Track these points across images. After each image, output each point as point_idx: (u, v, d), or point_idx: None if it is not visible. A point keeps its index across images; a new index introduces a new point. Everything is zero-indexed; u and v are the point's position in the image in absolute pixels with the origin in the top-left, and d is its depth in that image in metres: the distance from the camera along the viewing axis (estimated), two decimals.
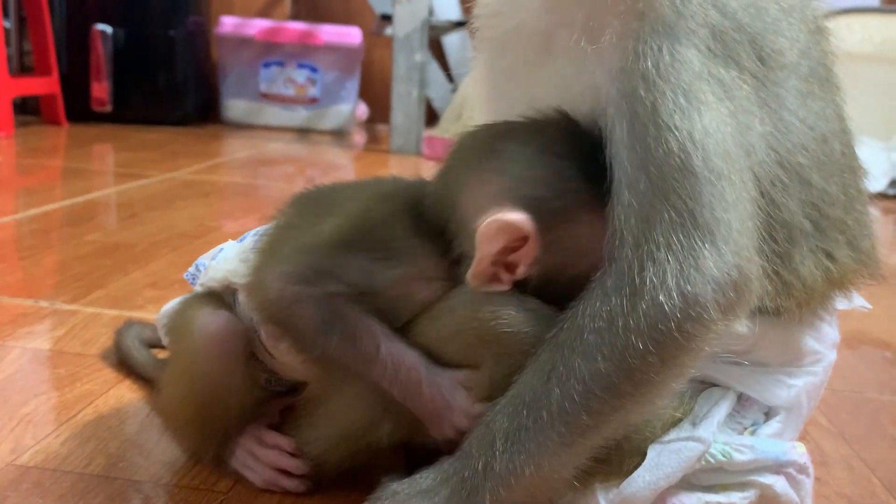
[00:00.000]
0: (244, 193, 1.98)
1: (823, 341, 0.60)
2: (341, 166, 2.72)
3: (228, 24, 3.39)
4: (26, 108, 3.09)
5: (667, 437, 0.54)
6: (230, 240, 0.71)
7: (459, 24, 3.23)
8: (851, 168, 0.59)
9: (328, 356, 0.55)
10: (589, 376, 0.49)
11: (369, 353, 0.54)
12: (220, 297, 0.66)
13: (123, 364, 0.85)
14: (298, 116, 3.48)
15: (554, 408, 0.49)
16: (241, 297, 0.64)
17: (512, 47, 0.61)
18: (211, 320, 0.62)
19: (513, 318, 0.54)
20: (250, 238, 0.69)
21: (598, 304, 0.50)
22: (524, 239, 0.54)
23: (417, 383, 0.54)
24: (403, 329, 0.56)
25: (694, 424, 0.55)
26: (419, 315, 0.56)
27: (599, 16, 0.53)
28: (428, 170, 2.56)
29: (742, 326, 0.51)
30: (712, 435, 0.54)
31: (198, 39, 3.36)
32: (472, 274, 0.54)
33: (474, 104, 0.70)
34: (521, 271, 0.54)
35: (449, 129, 3.46)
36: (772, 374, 0.57)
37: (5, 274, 1.16)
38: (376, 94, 3.76)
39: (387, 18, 3.03)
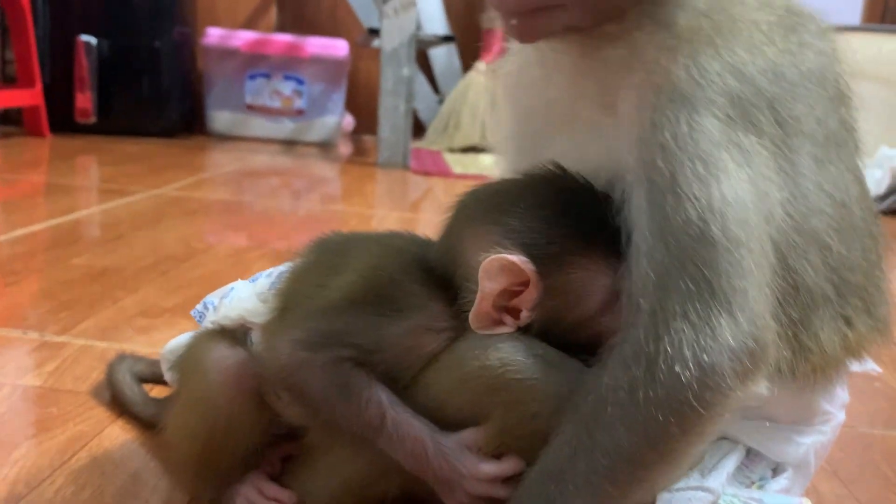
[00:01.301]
0: (231, 211, 1.97)
1: (834, 402, 0.60)
2: (328, 180, 2.71)
3: (214, 35, 3.38)
4: (8, 119, 3.06)
5: (676, 486, 0.54)
6: (240, 279, 0.71)
7: (446, 39, 3.23)
8: (871, 234, 0.59)
9: (335, 423, 0.55)
10: (613, 449, 0.49)
11: (375, 423, 0.54)
12: (233, 334, 0.66)
13: (115, 401, 0.84)
14: (284, 128, 3.46)
15: (580, 481, 0.49)
16: (255, 336, 0.64)
17: (537, 114, 0.62)
18: (227, 356, 0.61)
19: (521, 365, 0.54)
20: (263, 279, 0.69)
21: (617, 374, 0.50)
22: (525, 283, 0.55)
23: (424, 453, 0.54)
24: (412, 380, 0.56)
25: (703, 475, 0.55)
26: (427, 365, 0.56)
27: (617, 88, 0.54)
28: (415, 182, 2.57)
29: (762, 388, 0.51)
30: (721, 486, 0.54)
31: (183, 51, 3.34)
32: (473, 314, 0.55)
33: (500, 159, 0.70)
34: (524, 316, 0.55)
35: (435, 141, 3.47)
36: (782, 431, 0.58)
37: None
38: (362, 105, 3.76)
39: (374, 32, 3.03)
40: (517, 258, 0.54)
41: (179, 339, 0.71)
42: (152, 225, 1.69)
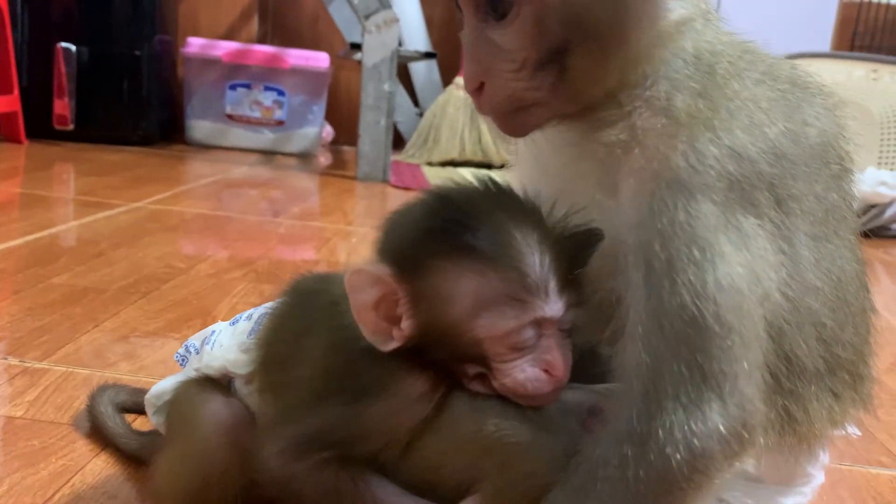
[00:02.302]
0: (211, 227, 1.97)
1: (816, 465, 0.62)
2: (308, 194, 2.71)
3: (195, 44, 3.37)
4: None
5: None
6: (220, 321, 0.71)
7: (428, 55, 3.25)
8: (863, 309, 0.60)
9: None
10: None
11: None
12: (221, 383, 0.66)
13: (97, 434, 0.84)
14: (264, 139, 3.46)
15: None
16: (239, 385, 0.65)
17: (541, 188, 0.63)
18: (222, 409, 0.62)
19: (515, 428, 0.55)
20: (244, 322, 0.69)
21: (609, 449, 0.51)
22: (393, 291, 0.55)
23: None
24: (406, 446, 0.57)
25: None
26: (419, 430, 0.57)
27: (616, 171, 0.55)
28: (394, 197, 2.57)
29: (748, 467, 0.53)
30: None
31: (164, 59, 3.33)
32: (364, 332, 0.55)
33: None
34: (405, 325, 0.55)
35: (414, 155, 3.48)
36: (762, 490, 0.59)
37: None
38: (342, 116, 3.77)
39: (356, 46, 3.04)
40: (373, 268, 0.54)
41: (164, 384, 0.70)
42: (132, 241, 1.69)
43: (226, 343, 0.67)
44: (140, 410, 0.87)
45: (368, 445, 0.56)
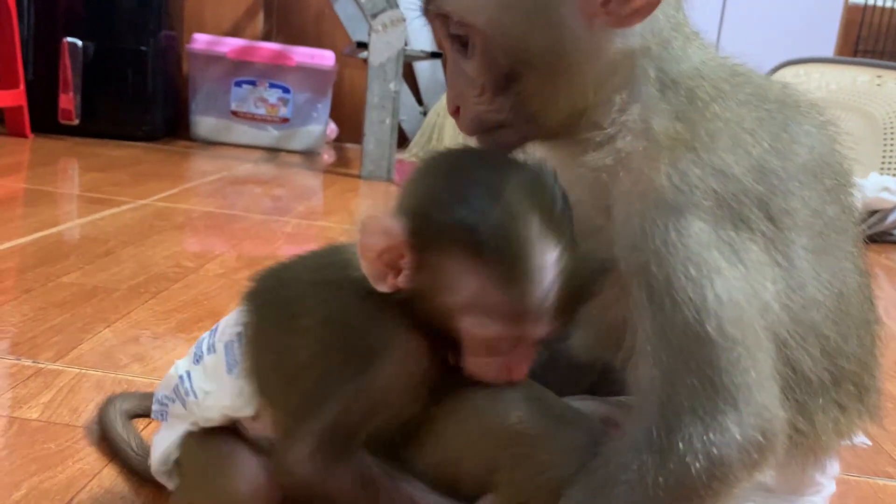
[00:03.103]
0: (218, 225, 1.97)
1: (826, 474, 0.63)
2: (313, 192, 2.72)
3: (201, 41, 3.37)
4: None
5: None
6: (177, 360, 0.68)
7: (434, 55, 3.25)
8: (867, 321, 0.61)
9: None
10: None
11: None
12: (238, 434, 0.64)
13: (106, 444, 0.81)
14: (268, 136, 3.46)
15: None
16: (248, 425, 0.63)
17: None
18: (253, 465, 0.61)
19: (536, 421, 0.56)
20: (210, 357, 0.64)
21: (628, 455, 0.52)
22: (401, 248, 0.54)
23: None
24: (416, 444, 0.58)
25: None
26: (428, 426, 0.58)
27: (606, 196, 0.56)
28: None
29: (766, 477, 0.54)
30: None
31: (169, 55, 3.33)
32: (363, 267, 0.55)
33: None
34: (401, 280, 0.55)
35: (418, 153, 3.49)
36: (773, 499, 0.60)
37: None
38: (346, 114, 3.77)
39: (362, 45, 3.04)
40: (388, 220, 0.54)
41: (163, 445, 0.67)
42: (140, 240, 1.69)
43: (207, 388, 0.63)
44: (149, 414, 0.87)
45: (389, 408, 0.56)
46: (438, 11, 0.57)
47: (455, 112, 0.60)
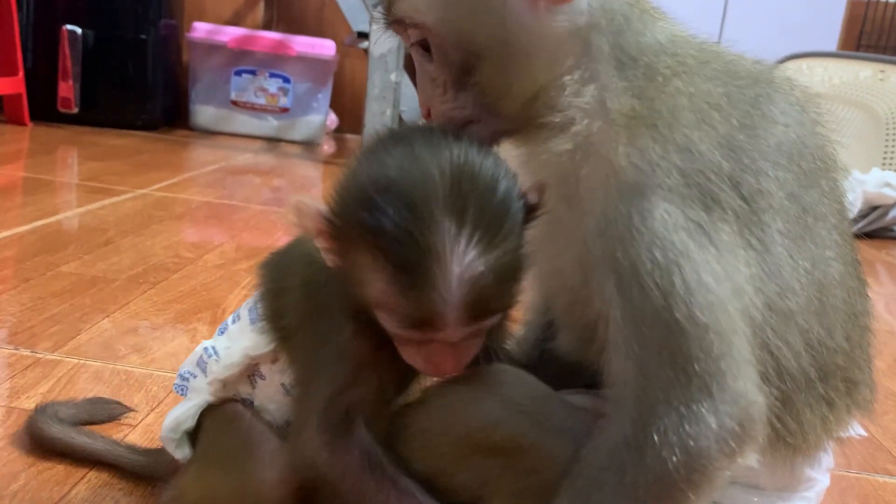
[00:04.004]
0: (217, 216, 1.96)
1: (819, 468, 0.62)
2: (313, 183, 2.71)
3: (201, 29, 3.35)
4: None
5: None
6: (203, 340, 0.70)
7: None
8: (854, 314, 0.59)
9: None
10: None
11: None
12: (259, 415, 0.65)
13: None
14: (268, 126, 3.45)
15: None
16: (265, 370, 0.65)
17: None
18: (277, 450, 0.61)
19: (523, 429, 0.56)
20: (234, 325, 0.68)
21: (606, 456, 0.52)
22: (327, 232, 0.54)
23: None
24: (408, 456, 0.58)
25: None
26: (419, 438, 0.58)
27: (571, 184, 0.55)
28: None
29: (752, 461, 0.53)
30: None
31: (169, 44, 3.31)
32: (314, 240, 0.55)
33: None
34: (329, 257, 0.55)
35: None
36: (766, 497, 0.59)
37: None
38: (346, 104, 3.76)
39: (363, 35, 3.03)
40: (313, 206, 0.53)
41: (176, 413, 0.67)
42: (139, 229, 1.69)
43: (229, 345, 0.66)
44: (88, 421, 0.85)
45: (370, 380, 0.57)
46: (394, 18, 0.58)
47: (427, 115, 0.60)
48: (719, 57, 0.58)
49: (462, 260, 0.49)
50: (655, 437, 0.49)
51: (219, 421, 0.65)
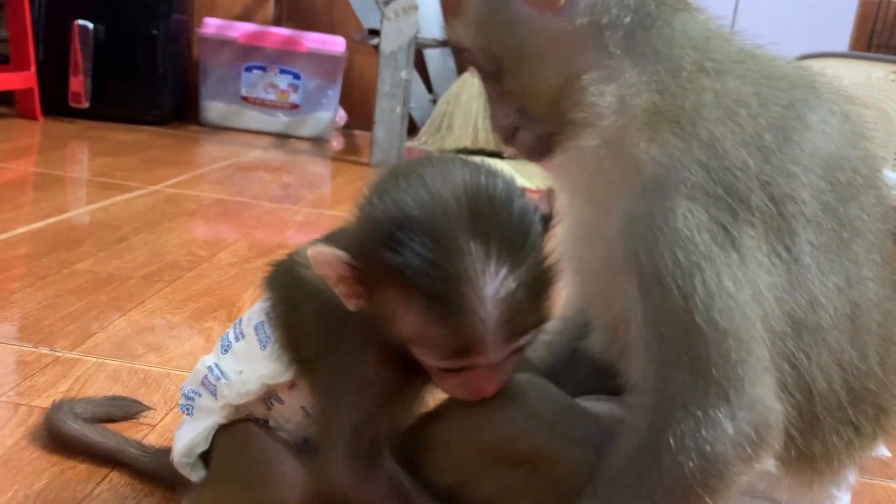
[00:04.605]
0: (229, 213, 1.97)
1: (841, 486, 0.61)
2: (323, 180, 2.72)
3: (212, 25, 3.36)
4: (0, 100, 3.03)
5: None
6: (203, 355, 0.69)
7: (445, 43, 3.24)
8: (889, 338, 0.57)
9: None
10: None
11: None
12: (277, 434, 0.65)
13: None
14: (278, 122, 3.45)
15: None
16: (284, 395, 0.64)
17: (562, 222, 0.63)
18: (296, 469, 0.62)
19: (543, 438, 0.56)
20: (240, 344, 0.66)
21: (624, 461, 0.52)
22: (351, 277, 0.54)
23: None
24: (431, 467, 0.58)
25: None
26: (442, 450, 0.58)
27: (595, 179, 0.56)
28: None
29: (770, 467, 0.53)
30: None
31: (180, 39, 3.32)
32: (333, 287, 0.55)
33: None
34: (361, 302, 0.54)
35: (427, 142, 3.48)
36: None
37: (1, 308, 1.14)
38: (355, 100, 3.75)
39: (374, 32, 3.03)
40: (332, 253, 0.52)
41: (187, 437, 0.67)
42: (152, 227, 1.69)
43: (239, 368, 0.64)
44: (107, 419, 0.86)
45: (394, 409, 0.57)
46: (450, 44, 0.63)
47: (495, 131, 0.62)
48: (756, 58, 0.57)
49: (494, 281, 0.49)
50: (672, 442, 0.49)
51: (233, 441, 0.65)
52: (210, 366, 0.66)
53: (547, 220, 0.54)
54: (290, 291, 0.62)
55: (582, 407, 0.60)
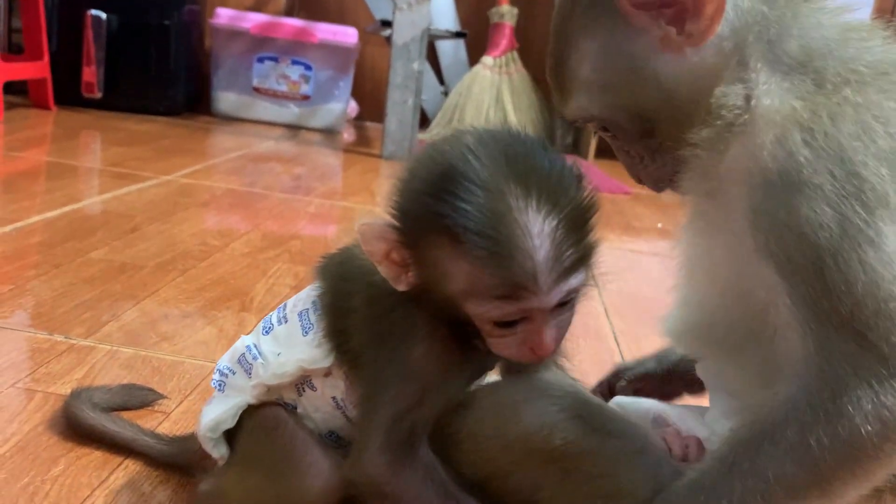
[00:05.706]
0: (242, 204, 1.98)
1: None
2: (335, 172, 2.72)
3: (224, 15, 3.36)
4: (13, 88, 3.04)
5: None
6: (242, 335, 0.70)
7: (458, 35, 3.23)
8: None
9: None
10: (774, 478, 0.51)
11: None
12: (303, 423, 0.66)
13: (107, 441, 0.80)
14: (289, 113, 3.46)
15: (735, 498, 0.52)
16: (317, 382, 0.65)
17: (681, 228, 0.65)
18: (325, 461, 0.62)
19: (569, 433, 0.56)
20: (281, 328, 0.67)
21: (787, 415, 0.52)
22: (399, 247, 0.56)
23: None
24: (464, 460, 0.58)
25: None
26: (474, 442, 0.58)
27: (713, 173, 0.56)
28: None
29: None
30: None
31: (192, 30, 3.32)
32: (379, 269, 0.56)
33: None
34: (410, 276, 0.56)
35: (439, 134, 3.48)
36: None
37: (16, 296, 1.15)
38: (367, 92, 3.75)
39: (386, 23, 3.02)
40: (379, 224, 0.55)
41: (214, 413, 0.67)
42: (166, 216, 1.70)
43: (278, 350, 0.65)
44: (122, 407, 0.86)
45: (436, 399, 0.58)
46: (570, 120, 0.62)
47: (639, 181, 0.63)
48: None
49: (538, 215, 0.52)
50: (850, 408, 0.50)
51: (260, 425, 0.65)
52: (249, 345, 0.67)
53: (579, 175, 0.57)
54: (341, 282, 0.64)
55: (611, 406, 0.60)
